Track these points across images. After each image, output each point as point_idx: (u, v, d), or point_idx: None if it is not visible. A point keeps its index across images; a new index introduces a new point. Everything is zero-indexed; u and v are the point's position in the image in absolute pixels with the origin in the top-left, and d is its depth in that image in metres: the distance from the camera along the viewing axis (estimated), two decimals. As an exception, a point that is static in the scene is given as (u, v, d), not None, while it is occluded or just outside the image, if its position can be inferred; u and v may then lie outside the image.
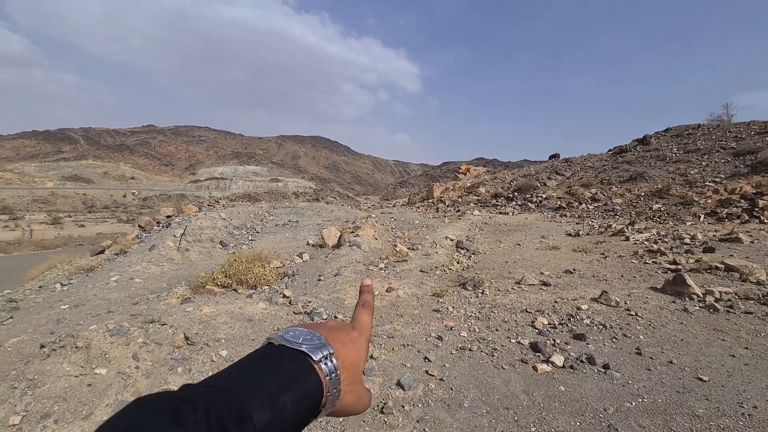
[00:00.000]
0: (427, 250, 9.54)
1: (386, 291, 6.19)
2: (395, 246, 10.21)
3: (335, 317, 5.19)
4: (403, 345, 4.39)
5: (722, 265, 6.96)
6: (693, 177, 16.10)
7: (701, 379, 3.59)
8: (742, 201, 13.15)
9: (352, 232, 11.10)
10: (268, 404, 0.38)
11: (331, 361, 0.46)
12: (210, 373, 3.36)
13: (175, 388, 0.38)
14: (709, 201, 14.07)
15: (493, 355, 4.19)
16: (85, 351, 3.15)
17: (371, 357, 4.01)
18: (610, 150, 25.21)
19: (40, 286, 7.33)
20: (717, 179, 15.30)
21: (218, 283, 6.94)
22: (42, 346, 3.20)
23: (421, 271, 7.64)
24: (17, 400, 2.77)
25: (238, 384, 0.38)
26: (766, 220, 11.63)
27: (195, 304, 5.11)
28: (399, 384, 3.52)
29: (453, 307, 5.64)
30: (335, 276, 7.11)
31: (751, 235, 9.85)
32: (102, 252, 9.61)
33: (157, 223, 11.93)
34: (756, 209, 12.32)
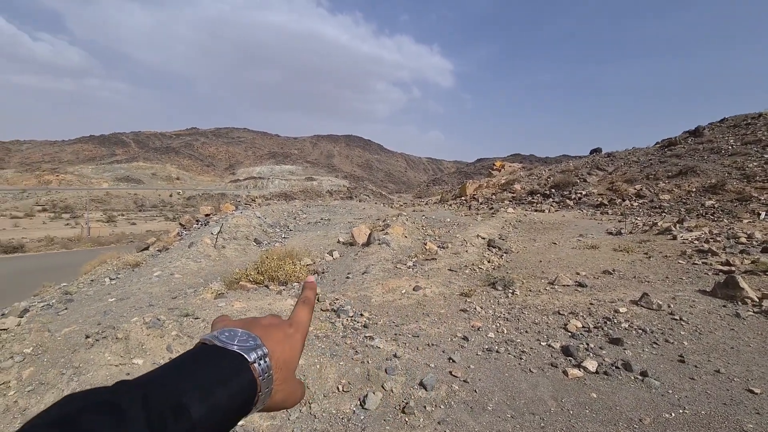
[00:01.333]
0: (457, 249, 9.39)
1: (413, 290, 6.15)
2: (425, 244, 10.13)
3: (361, 314, 5.22)
4: (428, 344, 4.34)
5: (783, 267, 6.36)
6: (752, 170, 14.80)
7: (752, 392, 3.30)
8: (810, 196, 11.93)
9: (382, 230, 11.13)
10: (204, 398, 0.39)
11: (265, 362, 0.47)
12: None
13: None
14: (771, 197, 12.87)
15: (521, 358, 4.06)
16: (125, 342, 3.36)
17: (394, 356, 4.00)
18: (657, 143, 23.69)
19: (92, 280, 7.92)
20: (780, 173, 13.97)
21: (251, 279, 7.19)
22: (87, 336, 3.45)
23: (449, 270, 7.53)
24: (64, 385, 3.00)
25: (173, 379, 0.39)
26: (838, 218, 10.50)
27: (227, 299, 5.31)
28: (422, 384, 3.49)
29: (481, 307, 5.52)
30: (363, 274, 7.16)
31: (819, 234, 8.94)
32: (146, 248, 10.22)
33: (197, 221, 12.53)
34: (826, 205, 11.14)
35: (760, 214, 11.87)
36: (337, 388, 3.44)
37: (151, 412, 0.34)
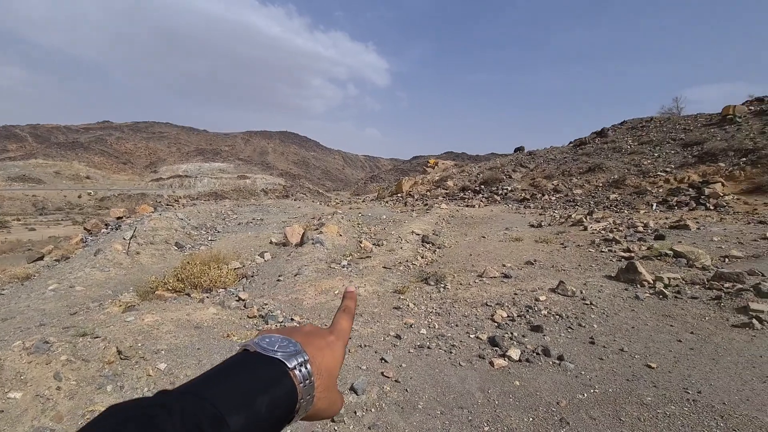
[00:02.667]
0: (392, 246, 9.45)
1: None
2: (360, 242, 10.05)
3: (292, 319, 4.98)
4: (360, 346, 4.25)
5: (671, 252, 7.27)
6: (646, 167, 16.86)
7: (650, 366, 3.67)
8: (690, 189, 13.90)
9: (316, 229, 10.84)
10: (243, 408, 0.38)
11: (306, 368, 0.46)
12: (145, 390, 3.07)
13: (103, 409, 0.39)
14: (661, 190, 14.78)
15: (451, 352, 4.13)
16: (-4, 374, 2.80)
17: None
18: (570, 142, 26.05)
19: (-34, 299, 6.67)
20: (668, 169, 16.09)
21: (169, 287, 6.54)
22: (-57, 371, 2.83)
23: (384, 267, 7.53)
24: None
25: (212, 389, 0.39)
26: (711, 207, 12.33)
27: (138, 312, 4.75)
28: (353, 388, 3.37)
29: (414, 304, 5.56)
30: (295, 276, 6.87)
31: (697, 222, 10.40)
32: (41, 258, 8.85)
33: (106, 225, 11.17)
34: (702, 197, 13.04)
35: (653, 206, 13.56)
36: (262, 402, 3.20)
37: (189, 425, 0.34)
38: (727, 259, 7.19)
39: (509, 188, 19.85)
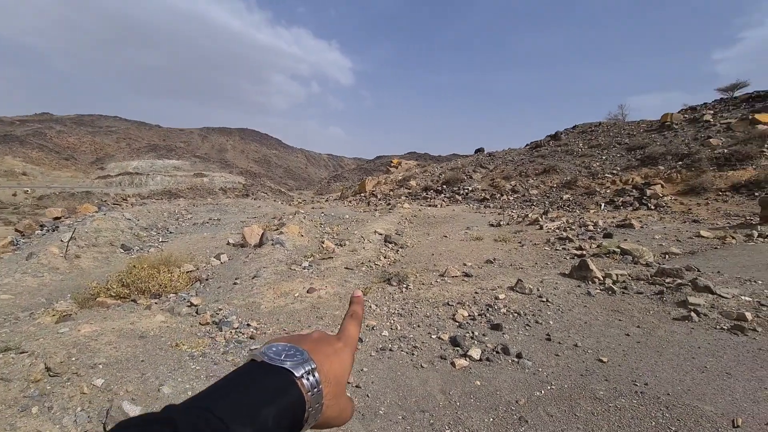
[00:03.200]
0: (355, 246, 9.33)
1: (307, 292, 5.84)
2: (322, 243, 9.85)
3: (248, 325, 4.74)
4: (321, 351, 4.11)
5: (618, 249, 7.69)
6: (595, 169, 17.84)
7: (601, 361, 3.82)
8: (634, 190, 14.85)
9: (277, 229, 10.51)
10: (249, 420, 0.38)
11: (314, 376, 0.46)
12: (78, 410, 2.77)
13: None
14: (608, 191, 15.70)
15: (413, 354, 4.09)
16: None
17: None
18: (527, 145, 27.12)
19: None
20: (614, 171, 17.12)
21: (113, 294, 6.05)
22: None
23: (346, 268, 7.40)
24: None
25: (218, 402, 0.39)
26: (652, 207, 13.23)
27: (74, 322, 4.32)
28: (311, 396, 3.24)
29: (376, 305, 5.49)
30: (253, 278, 6.59)
31: (640, 221, 11.12)
32: (-41, 264, 7.91)
33: (41, 226, 10.19)
34: (644, 198, 13.97)
35: (602, 206, 14.36)
36: (213, 416, 2.99)
37: None
38: (667, 256, 7.72)
39: (470, 188, 20.33)
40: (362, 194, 25.11)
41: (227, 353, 3.92)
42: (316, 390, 0.46)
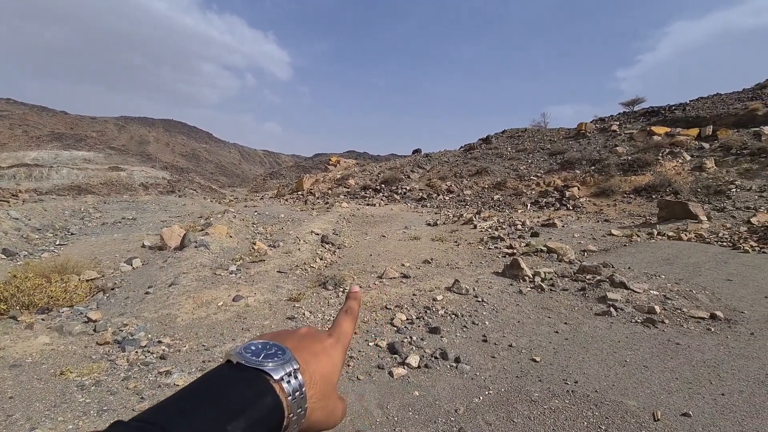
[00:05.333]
0: (290, 248, 8.82)
1: (233, 300, 5.30)
2: (254, 244, 9.18)
3: (159, 341, 4.12)
4: (246, 368, 3.67)
5: (545, 248, 8.13)
6: (522, 172, 19.01)
7: (535, 360, 3.88)
8: (555, 192, 16.03)
9: (202, 230, 9.59)
10: None
11: (296, 378, 0.42)
12: None
13: None
14: (534, 192, 16.78)
15: (348, 365, 3.83)
16: None
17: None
18: (461, 147, 28.20)
19: None
20: (538, 174, 18.38)
21: (-16, 310, 4.97)
22: None
23: (279, 271, 6.91)
24: None
25: (175, 417, 0.34)
26: (570, 208, 14.36)
27: None
28: (231, 425, 2.83)
29: (310, 312, 5.13)
30: (170, 286, 5.84)
31: (562, 220, 11.96)
32: None
33: None
34: (564, 199, 15.13)
35: (528, 206, 15.29)
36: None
37: None
38: (586, 253, 8.33)
39: (408, 188, 20.55)
40: (299, 192, 24.25)
41: (128, 379, 3.32)
42: (298, 394, 0.42)
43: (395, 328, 4.70)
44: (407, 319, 4.97)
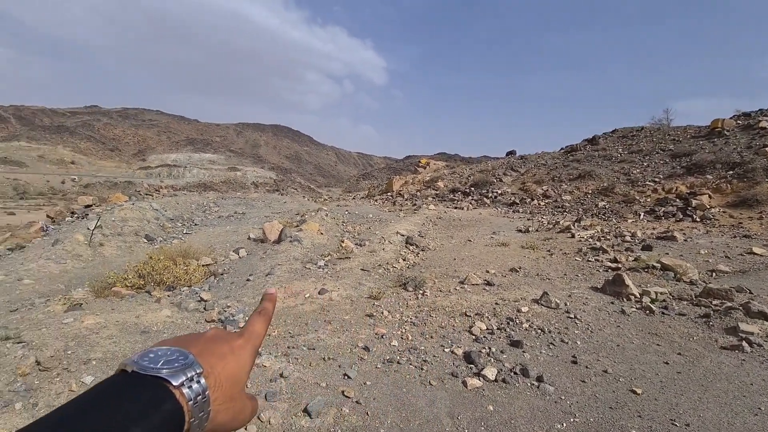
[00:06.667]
0: (374, 247, 9.08)
1: (318, 293, 5.64)
2: (342, 242, 9.67)
3: (253, 325, 4.58)
4: (324, 359, 3.87)
5: (658, 264, 7.03)
6: (635, 176, 16.76)
7: (635, 392, 3.37)
8: (678, 200, 13.78)
9: (297, 226, 10.42)
10: None
11: (198, 383, 0.42)
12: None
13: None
14: (649, 199, 14.66)
15: (422, 369, 3.78)
16: None
17: (281, 376, 3.46)
18: (562, 148, 25.98)
19: None
20: (656, 179, 16.00)
21: (128, 284, 6.08)
22: None
23: (362, 269, 7.16)
24: None
25: (70, 427, 0.32)
26: (697, 219, 12.21)
27: (82, 312, 4.30)
28: (306, 410, 3.01)
29: (389, 311, 5.20)
30: (266, 276, 6.46)
31: (684, 233, 10.23)
32: (-7, 247, 8.28)
33: (72, 213, 10.58)
34: (689, 208, 12.92)
35: (641, 215, 13.42)
36: (201, 424, 2.81)
37: None
38: (714, 274, 6.99)
39: (499, 191, 19.64)
40: (389, 194, 24.87)
41: (226, 355, 3.76)
42: (200, 398, 0.41)
43: (473, 337, 4.51)
44: (487, 328, 4.73)
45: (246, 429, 2.80)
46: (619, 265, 7.43)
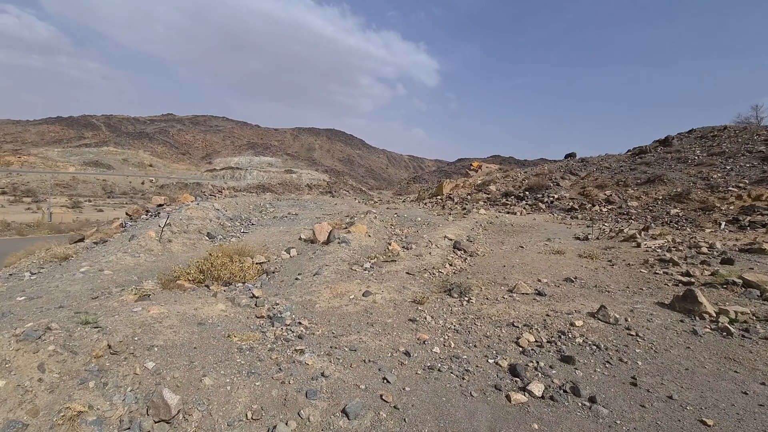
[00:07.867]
0: (421, 251, 9.01)
1: (363, 295, 5.70)
2: (389, 244, 9.72)
3: (299, 323, 4.73)
4: (365, 361, 3.90)
5: (740, 280, 6.24)
6: (716, 181, 15.08)
7: (705, 423, 3.01)
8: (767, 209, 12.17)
9: (345, 228, 10.64)
10: None
11: None
12: (128, 390, 2.90)
13: (81, 407, 0.95)
14: (732, 207, 13.09)
15: (463, 378, 3.67)
16: (-16, 358, 2.78)
17: (322, 374, 3.54)
18: (629, 151, 24.08)
19: (11, 274, 7.08)
20: (741, 184, 14.27)
21: (190, 278, 6.57)
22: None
23: (407, 273, 7.13)
24: None
25: None
26: (794, 231, 10.69)
27: (149, 302, 4.73)
28: (344, 411, 3.04)
29: (432, 317, 5.13)
30: (314, 275, 6.66)
31: (776, 247, 8.98)
32: (82, 240, 9.39)
33: (146, 211, 11.70)
34: (784, 218, 11.35)
35: (721, 224, 12.02)
36: (246, 416, 2.95)
37: None
38: (813, 295, 6.05)
39: (556, 196, 18.63)
40: (439, 197, 24.59)
41: (272, 350, 3.92)
42: None
43: (520, 349, 4.30)
44: (536, 341, 4.49)
45: (287, 424, 2.90)
46: (692, 280, 6.70)
